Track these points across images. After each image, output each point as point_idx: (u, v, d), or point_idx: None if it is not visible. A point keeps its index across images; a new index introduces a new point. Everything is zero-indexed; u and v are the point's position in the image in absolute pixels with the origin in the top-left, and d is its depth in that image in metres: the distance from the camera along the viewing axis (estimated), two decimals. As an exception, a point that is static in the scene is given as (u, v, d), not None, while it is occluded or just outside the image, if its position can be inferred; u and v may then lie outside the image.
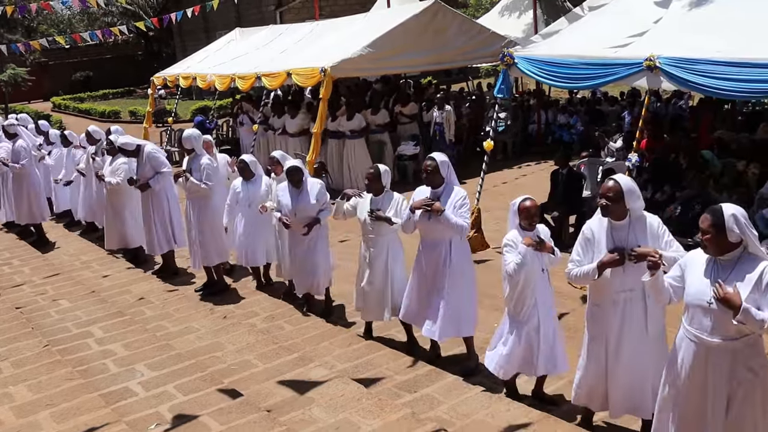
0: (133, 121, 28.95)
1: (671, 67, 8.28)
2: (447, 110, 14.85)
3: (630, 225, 4.91)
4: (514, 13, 21.04)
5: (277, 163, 8.42)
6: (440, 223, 6.13)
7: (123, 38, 35.58)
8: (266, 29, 20.18)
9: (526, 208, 5.57)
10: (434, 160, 6.27)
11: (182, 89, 20.58)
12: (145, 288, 9.16)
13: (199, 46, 25.83)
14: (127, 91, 44.02)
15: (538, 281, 5.61)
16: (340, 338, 7.19)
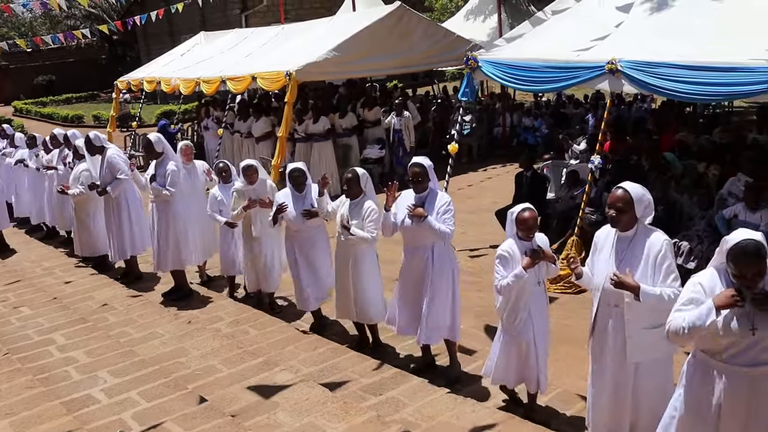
0: (96, 126, 28.55)
1: (632, 71, 8.36)
2: (406, 116, 14.76)
3: (633, 239, 4.63)
4: (478, 17, 21.16)
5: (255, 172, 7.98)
6: (423, 228, 6.04)
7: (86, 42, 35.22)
8: (231, 33, 20.08)
9: (524, 219, 5.40)
10: (422, 166, 6.13)
11: (147, 93, 20.40)
12: (109, 294, 9.06)
13: (163, 49, 25.60)
14: (91, 95, 43.49)
15: (533, 294, 5.48)
16: (305, 342, 7.17)
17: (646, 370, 4.71)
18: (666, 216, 8.84)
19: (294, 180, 7.30)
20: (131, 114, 25.79)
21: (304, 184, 7.32)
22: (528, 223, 5.40)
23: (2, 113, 35.49)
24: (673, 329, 3.90)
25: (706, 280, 3.91)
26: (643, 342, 4.62)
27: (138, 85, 19.42)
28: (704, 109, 17.24)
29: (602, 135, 9.37)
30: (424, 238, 6.14)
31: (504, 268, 5.39)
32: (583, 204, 9.06)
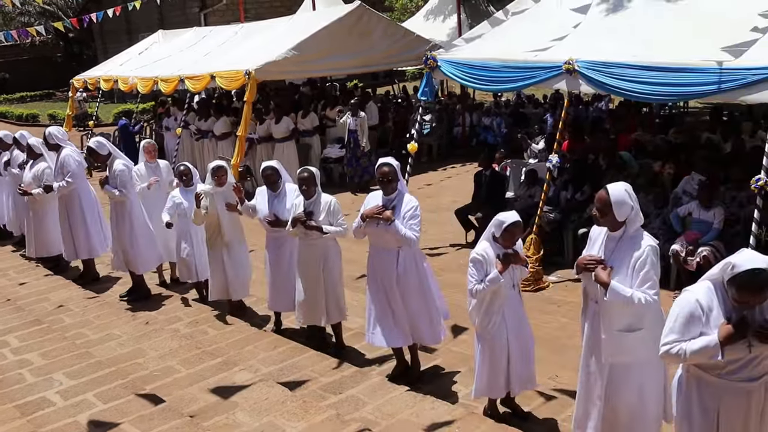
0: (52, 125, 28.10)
1: (589, 71, 8.48)
2: (361, 116, 14.55)
3: (620, 240, 4.58)
4: (438, 17, 21.26)
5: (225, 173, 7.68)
6: (389, 232, 5.95)
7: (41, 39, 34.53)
8: (190, 31, 19.90)
9: (513, 233, 5.32)
10: (392, 165, 6.01)
11: (104, 92, 20.13)
12: (65, 295, 8.92)
13: (121, 48, 25.26)
14: (46, 93, 42.71)
15: (508, 297, 5.40)
16: (265, 342, 7.14)
17: (619, 373, 4.65)
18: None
19: (267, 179, 7.12)
20: (88, 113, 25.43)
21: (277, 182, 7.12)
22: (515, 237, 5.36)
23: (-46, 112, 34.77)
24: (673, 354, 3.79)
25: (703, 296, 3.77)
26: (615, 343, 4.58)
27: (95, 83, 19.15)
28: (660, 110, 17.52)
29: (560, 134, 9.47)
30: (390, 241, 6.03)
31: (477, 271, 5.29)
32: (541, 203, 9.15)
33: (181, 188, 8.41)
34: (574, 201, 9.82)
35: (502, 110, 18.81)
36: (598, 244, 4.72)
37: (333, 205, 6.64)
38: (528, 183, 10.44)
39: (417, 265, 6.21)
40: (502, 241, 5.31)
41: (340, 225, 6.60)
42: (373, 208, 6.00)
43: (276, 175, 7.11)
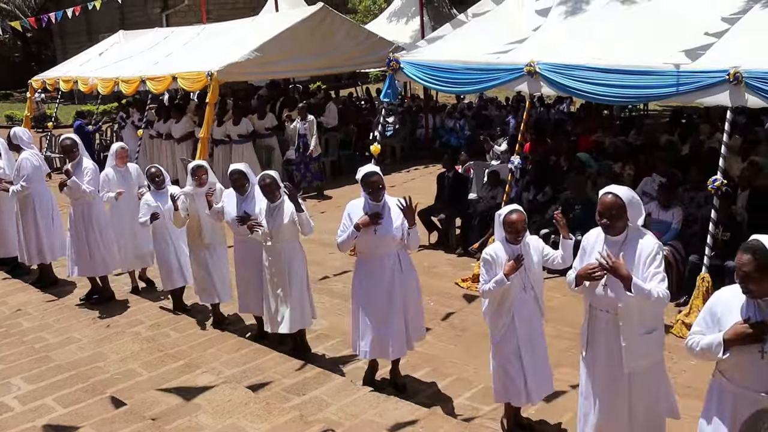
0: (10, 126, 27.60)
1: (550, 73, 8.58)
2: (309, 120, 14.16)
3: (624, 243, 4.43)
4: (401, 19, 21.33)
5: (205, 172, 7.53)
6: (387, 235, 5.82)
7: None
8: (151, 32, 19.68)
9: (511, 222, 5.06)
10: (378, 173, 5.87)
11: (63, 93, 19.84)
12: (23, 299, 8.78)
13: (81, 48, 24.91)
14: (4, 94, 41.97)
15: (518, 299, 5.16)
16: (229, 344, 7.10)
17: (640, 379, 4.52)
18: (584, 215, 9.09)
19: (234, 182, 6.97)
20: (47, 114, 25.03)
21: (245, 186, 6.97)
22: (516, 226, 5.05)
23: None
24: (688, 346, 3.84)
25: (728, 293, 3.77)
26: (637, 348, 4.43)
27: (54, 84, 18.85)
28: (621, 112, 17.77)
29: (522, 136, 9.56)
30: (388, 245, 5.89)
31: (488, 271, 5.12)
32: (503, 204, 9.22)
33: (153, 191, 8.12)
34: (536, 202, 9.91)
35: (465, 112, 18.91)
36: (596, 251, 4.48)
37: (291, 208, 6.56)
38: (490, 184, 10.52)
39: (412, 264, 6.22)
40: (509, 236, 5.10)
41: None
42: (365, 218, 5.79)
43: (243, 179, 6.96)
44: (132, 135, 16.64)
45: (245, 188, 6.98)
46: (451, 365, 6.76)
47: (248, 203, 6.96)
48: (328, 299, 8.61)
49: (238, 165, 7.16)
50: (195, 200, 7.46)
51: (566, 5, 10.76)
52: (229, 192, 7.14)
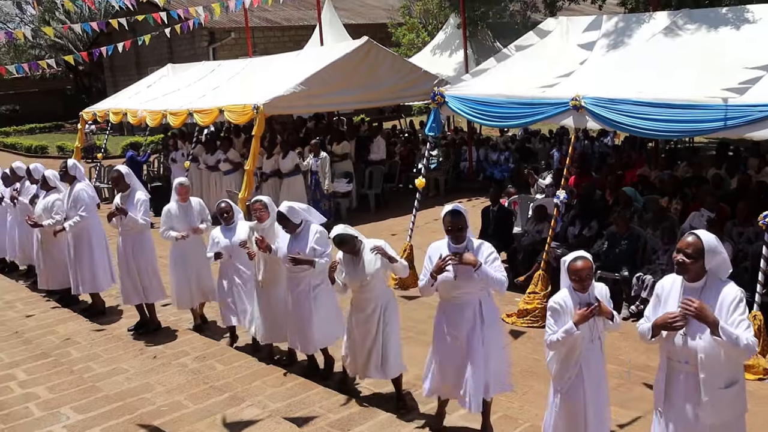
0: (61, 157, 28.28)
1: (596, 107, 8.55)
2: (323, 157, 14.17)
3: (703, 291, 4.27)
4: (445, 52, 21.45)
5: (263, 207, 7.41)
6: (470, 280, 5.46)
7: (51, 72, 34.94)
8: (199, 65, 20.10)
9: (576, 270, 4.80)
10: (461, 214, 5.51)
11: (113, 124, 20.28)
12: (72, 328, 8.92)
13: (130, 81, 25.54)
14: (56, 125, 43.11)
15: (587, 350, 4.89)
16: (273, 377, 7.12)
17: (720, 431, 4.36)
18: (629, 250, 9.00)
19: (282, 224, 6.87)
20: (96, 145, 25.62)
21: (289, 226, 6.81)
22: (580, 274, 4.78)
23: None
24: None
25: None
26: (720, 403, 4.25)
27: (104, 116, 19.30)
28: (666, 145, 17.59)
29: (567, 170, 9.51)
30: (470, 291, 5.57)
31: (555, 321, 4.87)
32: (549, 238, 9.16)
33: (222, 226, 8.04)
34: (581, 237, 9.82)
35: (509, 145, 18.88)
36: (673, 299, 4.36)
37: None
38: (536, 218, 10.46)
39: (496, 314, 5.80)
40: (574, 285, 4.85)
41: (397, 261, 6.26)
42: (447, 257, 5.44)
43: (287, 221, 6.80)
44: (180, 167, 16.93)
45: (291, 227, 6.85)
46: (496, 401, 6.67)
47: (299, 240, 6.84)
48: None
49: (283, 207, 6.92)
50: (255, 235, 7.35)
51: (610, 38, 10.75)
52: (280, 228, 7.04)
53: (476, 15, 20.72)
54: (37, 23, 42.82)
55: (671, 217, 9.72)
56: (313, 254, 6.71)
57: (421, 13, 26.82)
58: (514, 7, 22.45)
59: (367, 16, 34.89)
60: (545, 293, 8.81)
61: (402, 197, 16.05)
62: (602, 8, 21.80)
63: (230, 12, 19.06)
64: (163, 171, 19.59)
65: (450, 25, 22.11)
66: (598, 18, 11.45)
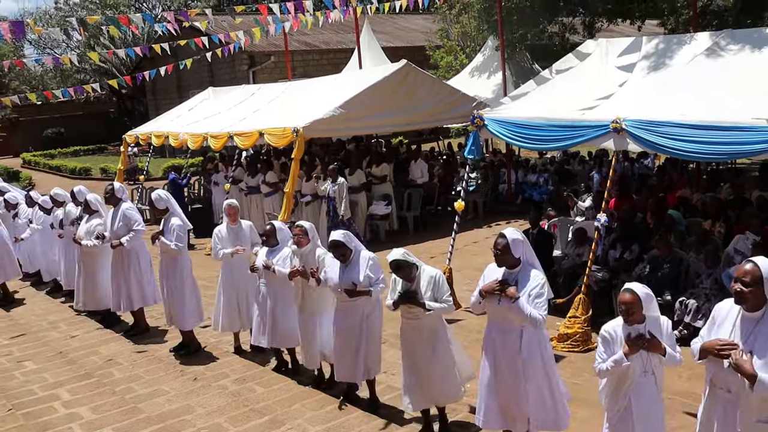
0: (104, 179, 28.87)
1: (637, 129, 8.46)
2: (340, 182, 13.86)
3: (760, 321, 4.20)
4: (483, 74, 21.46)
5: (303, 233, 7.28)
6: (511, 309, 5.38)
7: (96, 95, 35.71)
8: (239, 89, 20.35)
9: (622, 302, 4.72)
10: (505, 237, 5.47)
11: (154, 147, 20.60)
12: (115, 349, 9.04)
13: (172, 104, 25.97)
14: (99, 148, 43.95)
15: (639, 384, 4.77)
16: (313, 400, 7.13)
17: None
18: (672, 274, 8.87)
19: (334, 252, 6.67)
20: (139, 167, 26.03)
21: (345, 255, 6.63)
22: (626, 306, 4.68)
23: (11, 165, 35.86)
24: None
25: None
26: None
27: (146, 139, 19.61)
28: (708, 166, 17.34)
29: (607, 192, 9.43)
30: (513, 319, 5.45)
31: (605, 349, 4.81)
32: (589, 262, 9.07)
33: (268, 249, 7.91)
34: (622, 260, 9.71)
35: (548, 167, 18.78)
36: (728, 325, 4.29)
37: (438, 278, 6.09)
38: (576, 242, 10.36)
39: (542, 348, 5.56)
40: (622, 316, 4.77)
41: (446, 301, 6.06)
42: (492, 284, 5.46)
43: (343, 248, 6.63)
44: (221, 189, 17.13)
45: (346, 255, 6.67)
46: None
47: (351, 269, 6.67)
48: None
49: (337, 235, 6.73)
50: (293, 261, 7.36)
51: (650, 60, 10.68)
52: (331, 258, 6.83)
53: (514, 37, 20.72)
54: (82, 48, 43.75)
55: (715, 241, 9.56)
56: (368, 283, 6.57)
57: (459, 36, 26.90)
58: (553, 29, 22.39)
59: (405, 39, 35.09)
60: (586, 317, 8.72)
61: (441, 220, 16.02)
62: (641, 29, 21.73)
63: (270, 36, 19.33)
64: (204, 193, 19.82)
65: (488, 47, 22.14)
66: (637, 40, 11.39)
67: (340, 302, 6.84)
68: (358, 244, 6.83)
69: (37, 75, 51.65)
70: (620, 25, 23.61)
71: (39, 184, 24.66)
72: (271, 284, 7.78)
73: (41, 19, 47.93)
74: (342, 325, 6.83)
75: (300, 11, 16.44)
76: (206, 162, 19.91)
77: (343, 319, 6.82)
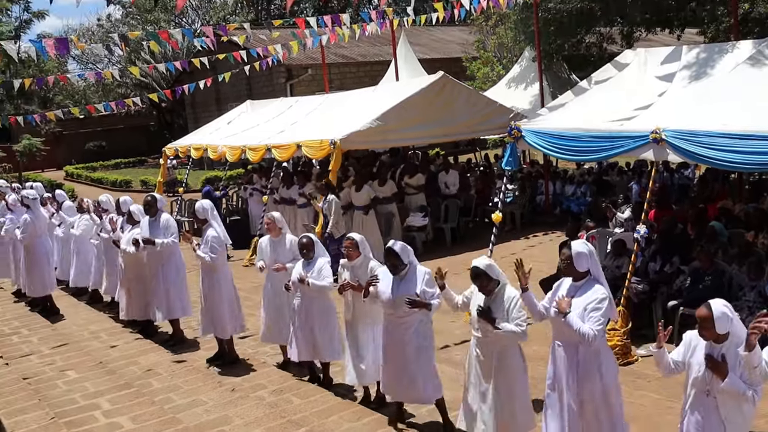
0: (144, 191, 29.24)
1: (677, 140, 8.35)
2: (329, 200, 13.35)
3: None
4: (520, 85, 21.35)
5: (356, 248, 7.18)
6: (564, 323, 5.27)
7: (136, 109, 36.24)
8: (277, 101, 20.51)
9: (699, 317, 4.63)
10: (570, 249, 5.36)
11: (193, 160, 20.84)
12: (154, 359, 9.13)
13: (210, 117, 26.27)
14: (139, 160, 44.61)
15: (698, 402, 4.73)
16: (350, 412, 7.12)
17: None
18: (714, 286, 8.71)
19: (387, 262, 6.56)
20: (178, 179, 26.33)
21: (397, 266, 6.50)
22: (702, 322, 4.60)
23: (54, 177, 36.54)
24: None
25: None
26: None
27: (185, 151, 19.84)
28: (750, 176, 17.05)
29: (647, 203, 9.31)
30: (571, 335, 5.28)
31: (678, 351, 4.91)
32: (629, 274, 8.96)
33: (304, 262, 7.82)
34: (663, 273, 9.57)
35: (585, 178, 18.62)
36: None
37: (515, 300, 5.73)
38: (615, 253, 10.23)
39: (601, 368, 5.32)
40: (699, 332, 4.67)
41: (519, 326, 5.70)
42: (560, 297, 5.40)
43: (398, 260, 6.48)
44: (258, 200, 17.28)
45: (400, 268, 6.53)
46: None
47: (407, 283, 6.52)
48: (449, 369, 8.46)
49: (396, 246, 6.56)
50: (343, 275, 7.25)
51: (691, 70, 10.55)
52: (384, 271, 6.70)
53: (551, 48, 20.59)
54: (123, 63, 44.53)
55: (758, 252, 9.38)
56: (425, 297, 6.41)
57: (495, 47, 26.84)
58: (590, 39, 22.22)
59: (442, 51, 35.10)
60: (625, 330, 8.60)
61: (478, 231, 15.93)
62: (680, 38, 21.45)
63: (307, 49, 19.42)
64: (241, 205, 19.99)
65: (525, 58, 22.04)
66: (677, 49, 11.26)
67: (388, 316, 6.66)
68: (414, 259, 6.66)
69: (80, 90, 52.66)
70: (659, 34, 23.34)
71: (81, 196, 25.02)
72: (305, 297, 7.75)
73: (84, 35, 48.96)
74: (389, 341, 6.66)
75: (337, 24, 16.50)
76: (246, 174, 20.06)
77: (392, 334, 6.63)
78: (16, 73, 33.76)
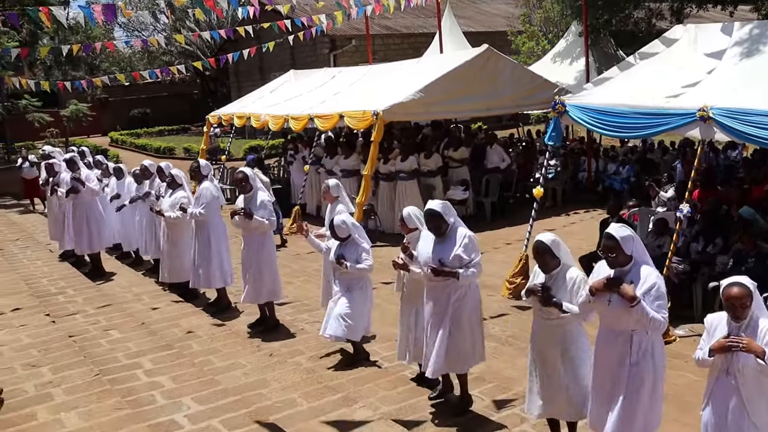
0: (187, 158, 29.55)
1: (725, 118, 8.22)
2: None
3: None
4: (566, 60, 21.11)
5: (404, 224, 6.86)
6: (624, 312, 4.91)
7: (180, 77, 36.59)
8: (320, 72, 20.53)
9: (729, 297, 4.45)
10: (614, 239, 4.97)
11: (236, 128, 20.96)
12: (194, 322, 9.29)
13: (254, 86, 26.40)
14: (183, 128, 45.06)
15: (718, 383, 4.64)
16: (386, 381, 7.20)
17: None
18: (757, 268, 8.58)
19: (429, 224, 6.25)
20: (220, 148, 26.54)
21: (441, 228, 6.17)
22: (732, 303, 4.46)
23: (99, 143, 37.12)
24: None
25: None
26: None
27: (228, 120, 19.99)
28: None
29: (692, 183, 9.18)
30: (624, 321, 4.99)
31: (704, 339, 4.71)
32: (670, 253, 8.87)
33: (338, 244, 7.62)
34: (705, 254, 9.45)
35: (629, 156, 18.38)
36: None
37: (578, 281, 5.38)
38: (657, 232, 10.13)
39: (655, 356, 5.06)
40: (727, 312, 4.52)
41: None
42: (602, 280, 5.01)
43: (439, 220, 6.14)
44: (299, 170, 17.36)
45: (442, 230, 6.20)
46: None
47: (445, 246, 6.19)
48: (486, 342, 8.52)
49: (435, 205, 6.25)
50: None
51: (743, 47, 10.31)
52: (426, 233, 6.40)
53: (599, 23, 20.27)
54: (169, 31, 44.86)
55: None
56: (457, 263, 6.08)
57: (541, 21, 26.51)
58: (639, 14, 21.81)
59: (487, 24, 34.78)
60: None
61: (518, 206, 15.87)
62: (733, 15, 20.96)
63: (351, 20, 19.37)
64: (283, 174, 20.11)
65: (572, 32, 21.76)
66: (728, 25, 11.00)
67: (427, 282, 6.31)
68: (458, 219, 6.34)
69: (125, 57, 53.20)
70: (710, 10, 22.82)
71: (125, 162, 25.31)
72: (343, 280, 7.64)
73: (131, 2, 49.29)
74: (426, 310, 6.37)
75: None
76: (287, 143, 20.15)
77: (428, 302, 6.33)
78: (65, 39, 34.17)
